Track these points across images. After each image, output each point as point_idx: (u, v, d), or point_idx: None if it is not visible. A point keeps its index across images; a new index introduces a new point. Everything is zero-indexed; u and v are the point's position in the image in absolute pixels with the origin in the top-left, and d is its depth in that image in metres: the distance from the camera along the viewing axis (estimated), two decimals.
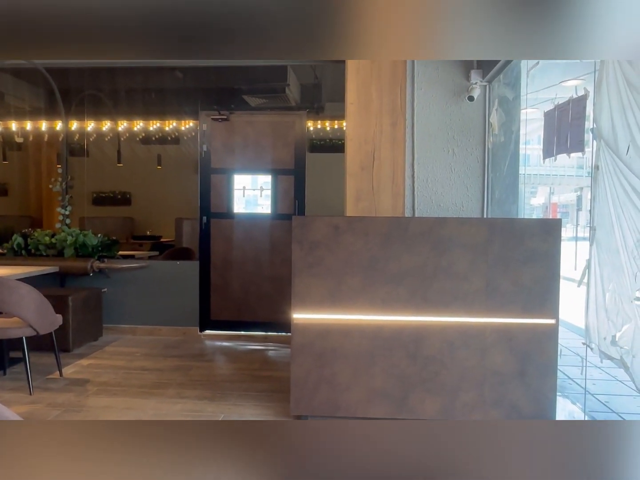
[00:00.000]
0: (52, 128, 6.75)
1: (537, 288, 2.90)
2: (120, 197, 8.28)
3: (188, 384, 3.78)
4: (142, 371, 4.07)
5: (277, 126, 5.17)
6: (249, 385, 3.77)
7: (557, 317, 2.92)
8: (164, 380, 3.86)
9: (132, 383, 3.78)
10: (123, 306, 5.18)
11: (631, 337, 2.31)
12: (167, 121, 7.19)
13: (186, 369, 4.13)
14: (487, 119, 3.84)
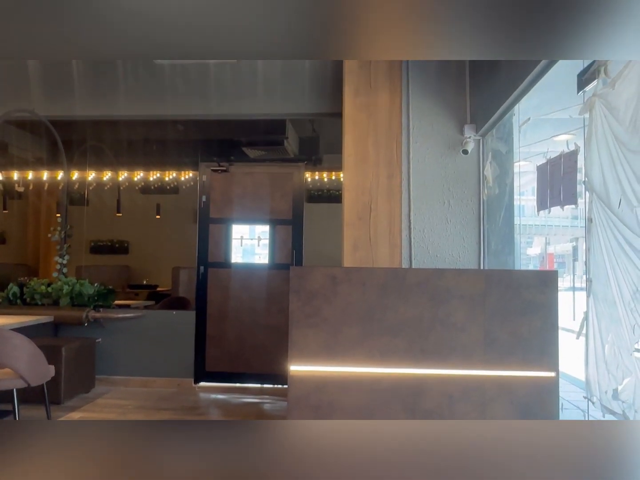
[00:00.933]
0: (53, 178, 6.85)
1: (535, 340, 2.88)
2: (117, 246, 8.31)
3: None
4: None
5: (276, 177, 5.26)
6: None
7: (557, 370, 2.88)
8: None
9: None
10: (117, 357, 5.10)
11: (632, 390, 2.28)
12: (167, 171, 7.32)
13: None
14: (482, 171, 3.92)
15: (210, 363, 5.17)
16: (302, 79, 4.42)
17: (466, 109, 3.95)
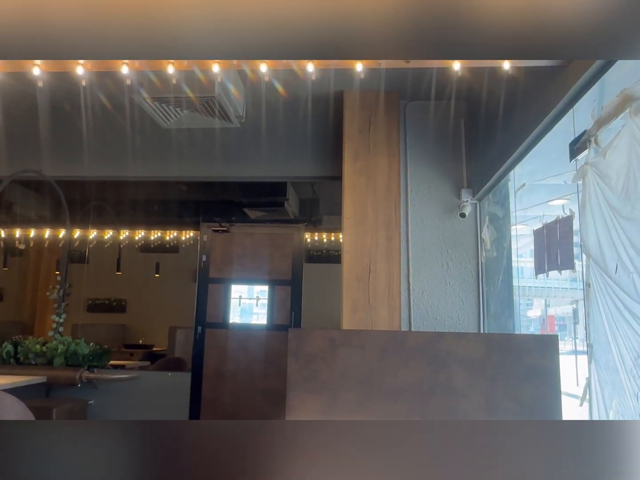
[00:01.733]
0: (55, 235, 6.92)
1: (538, 406, 2.82)
2: (115, 304, 8.26)
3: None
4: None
5: (276, 238, 5.32)
6: None
7: None
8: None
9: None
10: (109, 419, 4.95)
11: None
12: (168, 231, 7.40)
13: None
14: (479, 234, 3.97)
15: None
16: (303, 143, 4.57)
17: (463, 173, 4.05)
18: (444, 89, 3.80)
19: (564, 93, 2.40)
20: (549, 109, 2.57)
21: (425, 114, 4.14)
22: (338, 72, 3.38)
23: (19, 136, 4.59)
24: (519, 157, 3.12)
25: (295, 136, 4.53)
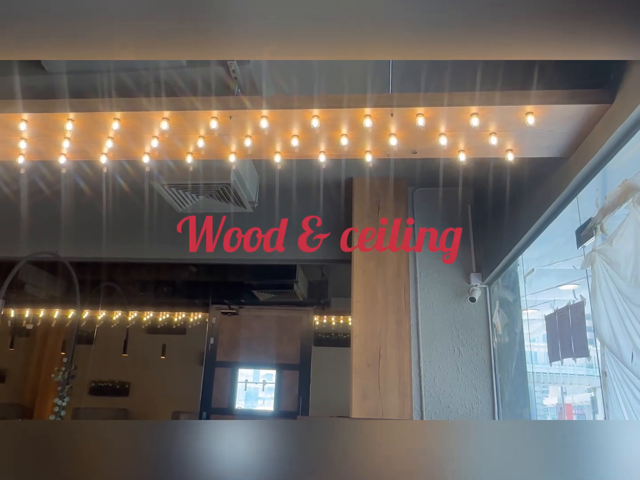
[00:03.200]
0: (63, 316, 6.92)
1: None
2: (118, 387, 8.08)
3: None
4: None
5: (284, 321, 5.30)
6: None
7: None
8: None
9: None
10: None
11: None
12: (176, 312, 7.39)
13: None
14: (490, 319, 3.94)
15: None
16: (313, 227, 4.67)
17: (471, 258, 4.09)
18: (451, 177, 3.93)
19: (567, 183, 2.48)
20: (554, 198, 2.64)
21: (433, 199, 4.25)
22: (348, 161, 3.54)
23: (40, 218, 4.74)
24: (527, 243, 3.17)
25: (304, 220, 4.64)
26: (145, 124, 2.38)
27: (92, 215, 4.55)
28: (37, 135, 2.50)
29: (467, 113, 2.22)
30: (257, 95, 2.69)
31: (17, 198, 4.20)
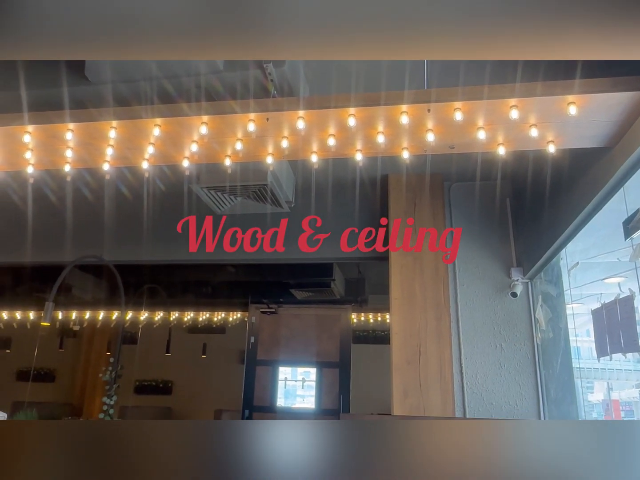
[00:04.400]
0: (108, 317, 7.14)
1: None
2: (162, 386, 8.28)
3: None
4: None
5: (323, 319, 5.32)
6: None
7: None
8: None
9: None
10: None
11: None
12: (216, 312, 7.51)
13: None
14: (533, 314, 3.85)
15: None
16: (350, 224, 4.67)
17: (511, 252, 4.01)
18: (489, 171, 3.87)
19: (613, 173, 2.41)
20: (598, 189, 2.57)
21: (470, 194, 4.19)
22: (384, 158, 3.52)
23: (84, 224, 4.91)
24: (570, 235, 3.09)
25: (342, 218, 4.65)
26: (185, 129, 2.43)
27: (133, 219, 4.68)
28: (82, 144, 2.59)
29: (507, 105, 2.18)
30: (294, 96, 2.71)
31: (62, 205, 4.36)
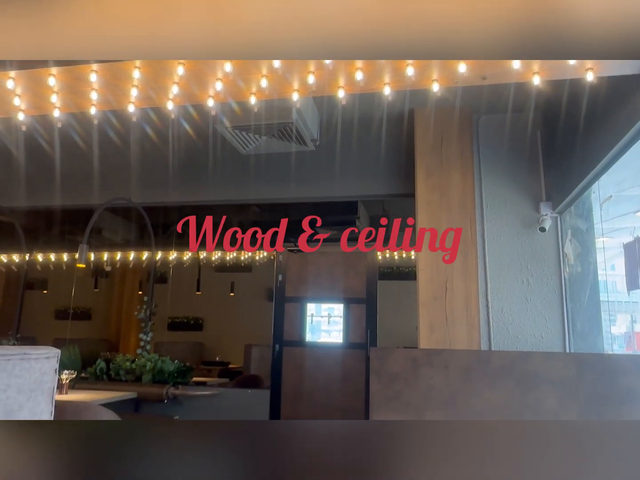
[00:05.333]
0: (138, 258, 7.33)
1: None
2: (193, 323, 8.59)
3: None
4: None
5: (349, 256, 5.38)
6: None
7: None
8: None
9: None
10: None
11: None
12: (242, 251, 7.64)
13: None
14: (561, 249, 3.83)
15: None
16: (375, 161, 4.61)
17: (541, 186, 3.93)
18: (519, 102, 3.73)
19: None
20: (637, 118, 2.46)
21: (499, 127, 4.07)
22: (410, 93, 3.42)
23: (111, 167, 4.95)
24: (604, 167, 3.00)
25: (367, 155, 4.59)
26: (210, 67, 2.38)
27: (160, 161, 4.70)
28: (107, 85, 2.57)
29: None
30: None
31: (89, 148, 4.38)
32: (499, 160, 4.04)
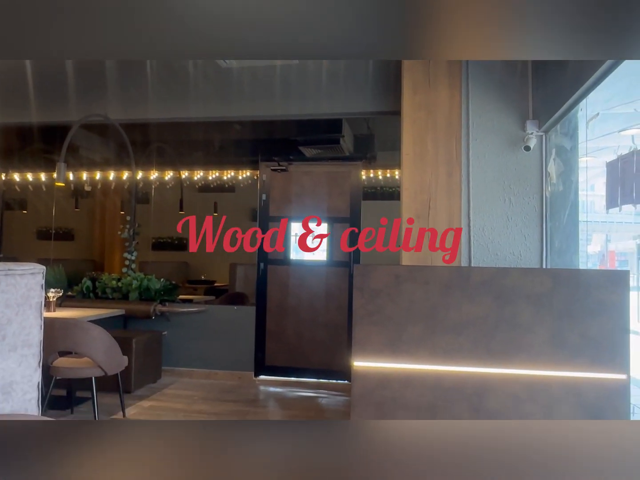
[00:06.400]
0: (119, 177, 7.19)
1: (605, 341, 2.82)
2: (177, 242, 8.62)
3: None
4: (201, 414, 4.14)
5: (333, 176, 5.34)
6: None
7: (629, 372, 2.81)
8: None
9: None
10: (181, 349, 5.32)
11: None
12: (225, 171, 7.53)
13: (243, 414, 4.17)
14: (544, 168, 3.84)
15: (269, 357, 5.32)
16: (361, 78, 4.47)
17: (528, 104, 3.88)
18: None
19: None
20: None
21: None
22: None
23: (86, 82, 4.72)
24: (593, 84, 2.94)
25: (353, 71, 4.43)
26: None
27: (138, 75, 4.48)
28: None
29: None
30: None
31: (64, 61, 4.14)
32: (488, 76, 3.94)
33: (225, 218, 8.01)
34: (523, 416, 2.87)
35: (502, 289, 2.92)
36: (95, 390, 3.70)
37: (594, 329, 2.83)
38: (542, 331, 2.87)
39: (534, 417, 2.87)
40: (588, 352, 2.83)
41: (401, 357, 2.99)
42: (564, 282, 2.87)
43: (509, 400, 2.89)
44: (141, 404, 4.40)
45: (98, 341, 3.60)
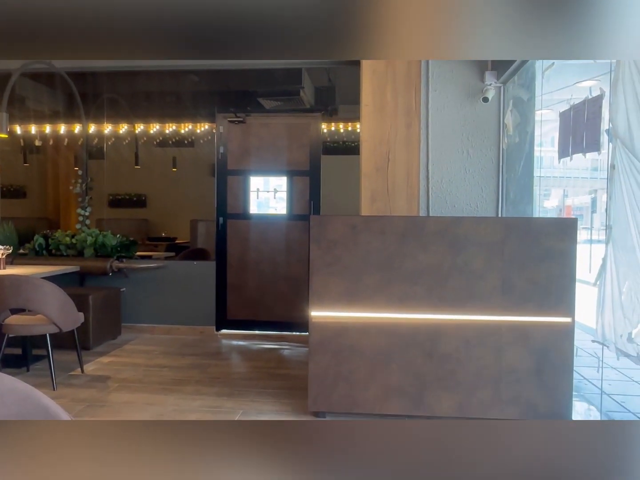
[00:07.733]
0: (71, 131, 6.88)
1: (553, 287, 2.92)
2: (135, 199, 8.41)
3: (206, 381, 3.85)
4: (161, 368, 4.15)
5: (293, 128, 5.24)
6: (266, 383, 3.83)
7: (573, 316, 2.94)
8: (183, 377, 3.94)
9: (151, 380, 3.86)
10: (141, 306, 5.27)
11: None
12: (182, 124, 7.30)
13: (204, 367, 4.20)
14: (502, 120, 3.87)
15: (231, 311, 5.32)
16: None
17: None
18: None
19: None
20: None
21: None
22: None
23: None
24: None
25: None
26: None
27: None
28: None
29: None
30: None
31: None
32: None
33: (184, 173, 7.86)
34: (473, 360, 2.99)
35: (456, 237, 2.97)
36: (51, 347, 3.64)
37: (542, 275, 2.92)
38: (493, 278, 2.95)
39: (483, 360, 2.98)
40: (536, 297, 2.94)
41: (358, 306, 3.04)
42: (515, 231, 2.94)
43: (461, 344, 2.99)
44: (100, 360, 4.37)
45: (51, 297, 3.51)
